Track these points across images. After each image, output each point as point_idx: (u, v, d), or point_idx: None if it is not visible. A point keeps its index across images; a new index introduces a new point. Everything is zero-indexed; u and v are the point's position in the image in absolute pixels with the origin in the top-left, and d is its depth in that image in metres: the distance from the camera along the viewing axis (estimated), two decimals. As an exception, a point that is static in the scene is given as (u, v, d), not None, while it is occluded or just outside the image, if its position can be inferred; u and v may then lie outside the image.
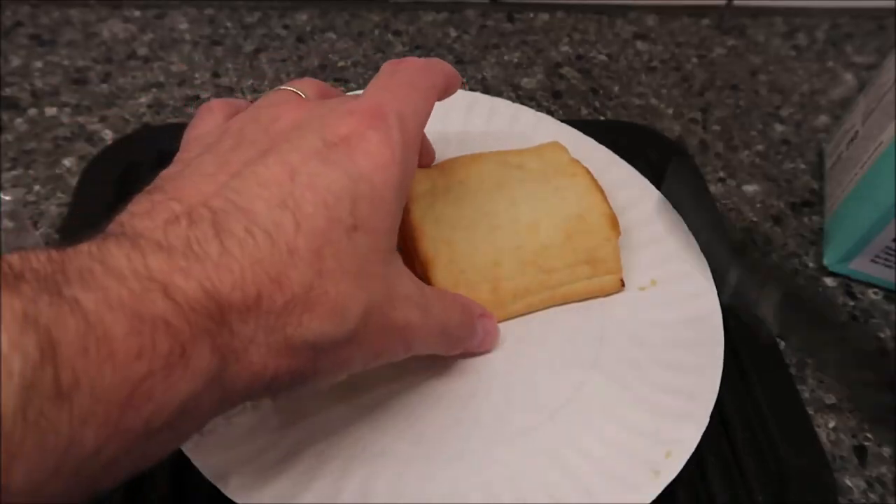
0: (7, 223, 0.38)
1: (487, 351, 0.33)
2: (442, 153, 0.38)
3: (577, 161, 0.38)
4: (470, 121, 0.42)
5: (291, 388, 0.24)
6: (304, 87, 0.29)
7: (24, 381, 0.16)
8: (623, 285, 0.36)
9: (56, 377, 0.17)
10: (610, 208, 0.36)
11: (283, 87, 0.29)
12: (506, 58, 0.54)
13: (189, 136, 0.28)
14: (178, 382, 0.19)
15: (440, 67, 0.31)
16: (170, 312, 0.19)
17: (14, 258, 0.18)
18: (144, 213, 0.22)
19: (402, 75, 0.28)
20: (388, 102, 0.26)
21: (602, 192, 0.37)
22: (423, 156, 0.36)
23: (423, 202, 0.35)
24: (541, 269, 0.34)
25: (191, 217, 0.21)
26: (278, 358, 0.22)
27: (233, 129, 0.26)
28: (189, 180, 0.23)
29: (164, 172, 0.25)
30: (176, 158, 0.26)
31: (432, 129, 0.32)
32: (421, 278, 0.34)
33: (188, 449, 0.28)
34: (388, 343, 0.26)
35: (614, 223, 0.36)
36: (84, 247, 0.20)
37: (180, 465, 0.28)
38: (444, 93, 0.31)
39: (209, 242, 0.21)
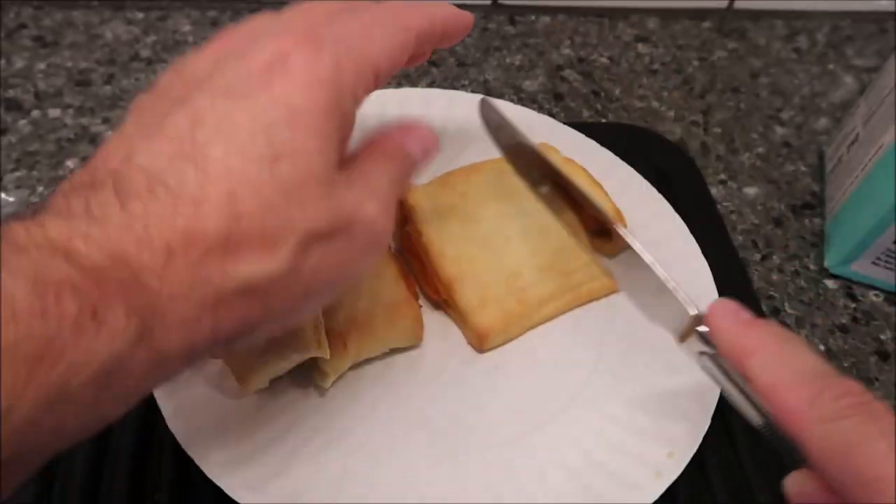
0: (10, 224, 0.38)
1: (433, 155, 0.29)
2: (441, 157, 0.38)
3: (570, 159, 0.38)
4: (470, 124, 0.42)
5: (241, 337, 0.23)
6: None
7: None
8: None
9: None
10: (611, 201, 0.36)
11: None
12: (507, 60, 0.54)
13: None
14: (93, 343, 0.19)
15: (427, 10, 0.28)
16: (75, 276, 0.19)
17: None
18: (59, 190, 0.22)
19: (370, 9, 0.26)
20: (326, 25, 0.25)
21: (601, 186, 0.37)
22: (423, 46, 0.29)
23: (432, 222, 0.35)
24: (560, 272, 0.35)
25: (93, 184, 0.21)
26: (214, 310, 0.21)
27: (160, 84, 0.25)
28: (104, 147, 0.23)
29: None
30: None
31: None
32: (444, 297, 0.34)
33: (183, 439, 0.28)
34: (360, 255, 0.25)
35: (619, 215, 0.36)
36: None
37: (184, 459, 0.29)
38: (430, 36, 0.28)
39: (110, 206, 0.21)
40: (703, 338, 0.26)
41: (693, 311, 0.27)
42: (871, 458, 0.21)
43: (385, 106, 0.41)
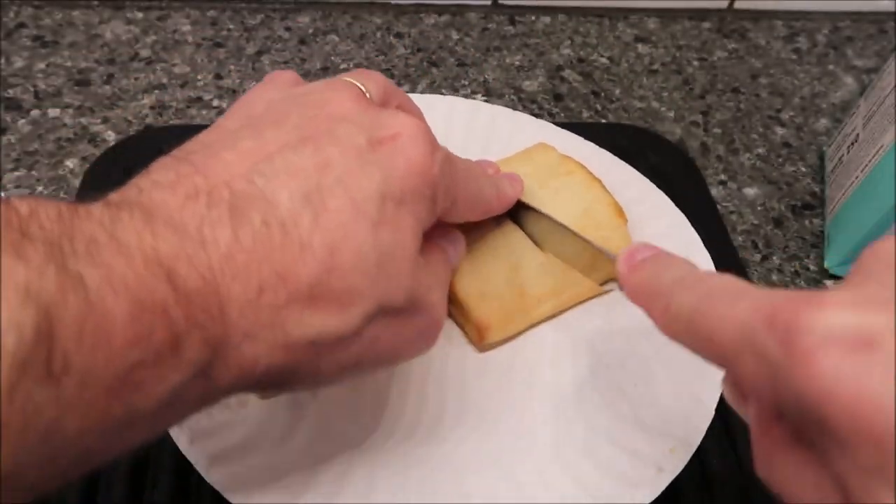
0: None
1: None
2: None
3: (568, 157, 0.38)
4: (471, 130, 0.42)
5: (283, 384, 0.23)
6: (369, 84, 0.27)
7: (15, 361, 0.15)
8: None
9: (48, 359, 0.16)
10: (611, 197, 0.36)
11: (347, 78, 0.27)
12: (507, 61, 0.54)
13: (240, 100, 0.27)
14: (168, 373, 0.18)
15: (512, 189, 0.33)
16: (169, 301, 0.18)
17: (23, 206, 0.17)
18: (167, 185, 0.21)
19: (474, 166, 0.29)
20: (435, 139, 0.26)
21: (600, 182, 0.37)
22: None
23: None
24: (561, 267, 0.35)
25: (210, 196, 0.21)
26: (273, 353, 0.21)
27: (278, 106, 0.25)
28: (220, 156, 0.22)
29: (199, 137, 0.24)
30: (216, 123, 0.25)
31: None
32: None
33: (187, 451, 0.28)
34: (415, 341, 0.26)
35: (619, 211, 0.36)
36: (96, 211, 0.19)
37: (184, 470, 0.29)
38: (493, 211, 0.33)
39: (222, 227, 0.20)
40: None
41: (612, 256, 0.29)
42: (708, 324, 0.21)
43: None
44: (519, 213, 0.35)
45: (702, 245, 0.37)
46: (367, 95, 0.27)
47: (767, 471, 0.20)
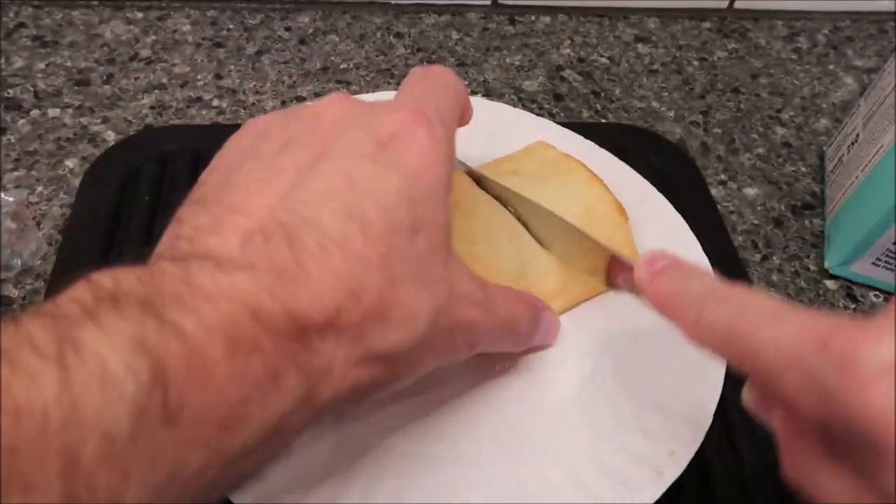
0: (10, 224, 0.38)
1: (549, 345, 0.33)
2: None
3: (568, 155, 0.38)
4: (472, 127, 0.42)
5: (370, 395, 0.24)
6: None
7: (136, 405, 0.16)
8: None
9: (164, 401, 0.17)
10: (613, 195, 0.36)
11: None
12: (507, 60, 0.54)
13: (227, 142, 0.27)
14: (272, 404, 0.19)
15: (460, 84, 0.31)
16: (259, 335, 0.19)
17: (105, 280, 0.19)
18: (210, 229, 0.21)
19: (433, 78, 0.28)
20: (427, 101, 0.26)
21: (601, 181, 0.37)
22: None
23: None
24: (565, 265, 0.35)
25: (264, 233, 0.21)
26: (358, 369, 0.22)
27: (273, 131, 0.25)
28: (244, 190, 0.23)
29: (205, 179, 0.25)
30: (213, 164, 0.26)
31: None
32: None
33: None
34: (452, 343, 0.26)
35: (621, 210, 0.36)
36: (168, 268, 0.20)
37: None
38: (461, 105, 0.31)
39: (286, 259, 0.21)
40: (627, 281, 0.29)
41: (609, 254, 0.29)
42: (743, 336, 0.21)
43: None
44: (522, 210, 0.35)
45: (700, 248, 0.37)
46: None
47: (798, 475, 0.21)
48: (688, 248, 0.37)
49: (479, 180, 0.37)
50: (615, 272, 0.31)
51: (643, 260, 0.26)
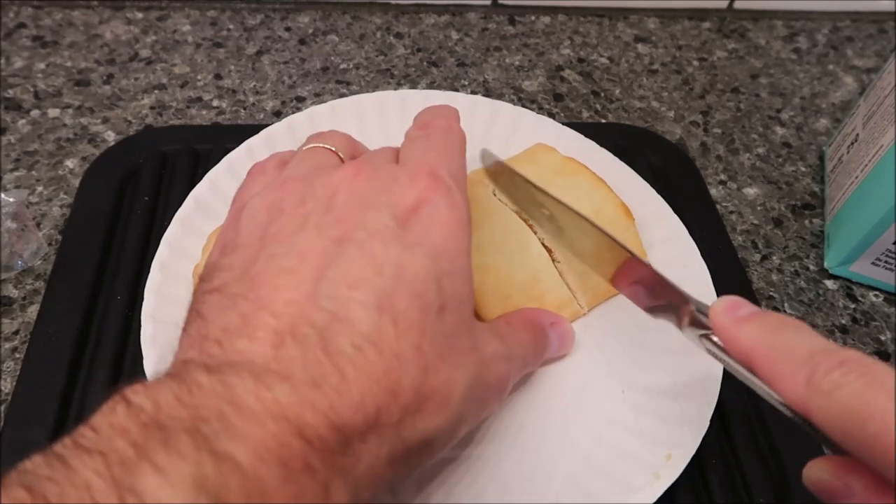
0: (10, 224, 0.38)
1: (566, 354, 0.33)
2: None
3: (571, 158, 0.38)
4: (472, 125, 0.42)
5: (410, 477, 0.23)
6: (335, 143, 0.28)
7: None
8: None
9: None
10: (618, 197, 0.36)
11: (314, 146, 0.28)
12: (507, 60, 0.54)
13: (238, 202, 0.27)
14: None
15: (462, 135, 0.31)
16: (309, 455, 0.19)
17: (143, 402, 0.18)
18: (239, 332, 0.21)
19: (437, 137, 0.28)
20: (439, 163, 0.25)
21: (606, 184, 0.37)
22: None
23: None
24: (577, 273, 0.34)
25: (295, 335, 0.21)
26: (394, 462, 0.21)
27: (288, 210, 0.25)
28: (269, 284, 0.22)
29: (223, 262, 0.24)
30: (226, 240, 0.25)
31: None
32: None
33: None
34: (486, 405, 0.26)
35: (627, 211, 0.36)
36: (204, 381, 0.19)
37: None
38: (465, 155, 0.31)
39: (323, 365, 0.20)
40: (700, 323, 0.26)
41: (691, 304, 0.27)
42: (872, 415, 0.20)
43: (384, 107, 0.41)
44: (531, 207, 0.35)
45: (697, 250, 0.37)
46: (340, 155, 0.27)
47: None
48: (685, 248, 0.37)
49: (499, 175, 0.37)
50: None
51: (724, 304, 0.25)
